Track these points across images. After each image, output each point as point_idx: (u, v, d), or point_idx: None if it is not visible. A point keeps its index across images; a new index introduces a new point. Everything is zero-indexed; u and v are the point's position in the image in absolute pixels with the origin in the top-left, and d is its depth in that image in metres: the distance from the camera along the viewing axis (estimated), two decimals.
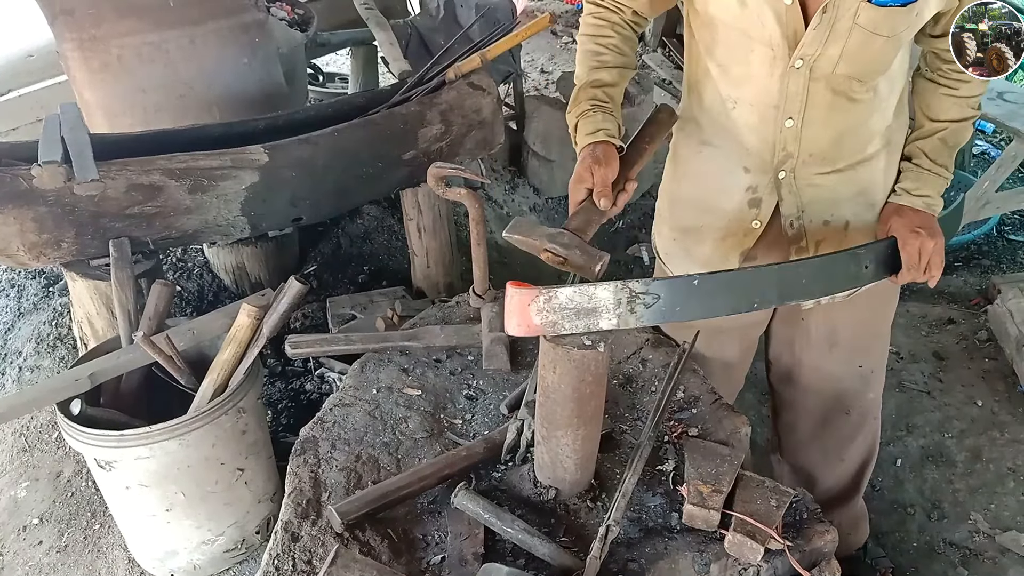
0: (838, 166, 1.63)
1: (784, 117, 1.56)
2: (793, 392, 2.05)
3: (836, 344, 1.89)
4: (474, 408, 1.67)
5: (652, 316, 1.21)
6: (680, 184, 1.83)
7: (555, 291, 1.19)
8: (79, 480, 2.59)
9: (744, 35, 1.51)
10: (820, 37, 1.45)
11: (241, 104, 3.05)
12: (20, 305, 3.14)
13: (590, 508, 1.42)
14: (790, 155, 1.60)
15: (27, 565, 2.40)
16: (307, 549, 1.35)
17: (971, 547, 2.42)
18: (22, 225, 2.18)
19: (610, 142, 1.54)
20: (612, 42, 1.66)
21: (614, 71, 1.65)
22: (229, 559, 2.31)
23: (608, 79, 1.63)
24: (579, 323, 1.19)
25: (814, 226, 1.68)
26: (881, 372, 2.03)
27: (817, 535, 1.33)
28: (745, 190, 1.67)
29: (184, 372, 2.17)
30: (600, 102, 1.60)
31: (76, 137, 2.31)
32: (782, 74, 1.51)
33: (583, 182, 1.49)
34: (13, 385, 2.87)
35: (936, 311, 3.34)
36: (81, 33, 2.75)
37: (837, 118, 1.56)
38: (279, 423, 2.67)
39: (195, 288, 3.13)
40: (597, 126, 1.56)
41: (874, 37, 1.44)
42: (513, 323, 1.20)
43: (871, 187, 1.68)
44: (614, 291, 1.19)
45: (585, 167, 1.50)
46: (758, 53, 1.51)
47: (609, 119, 1.57)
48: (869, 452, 2.12)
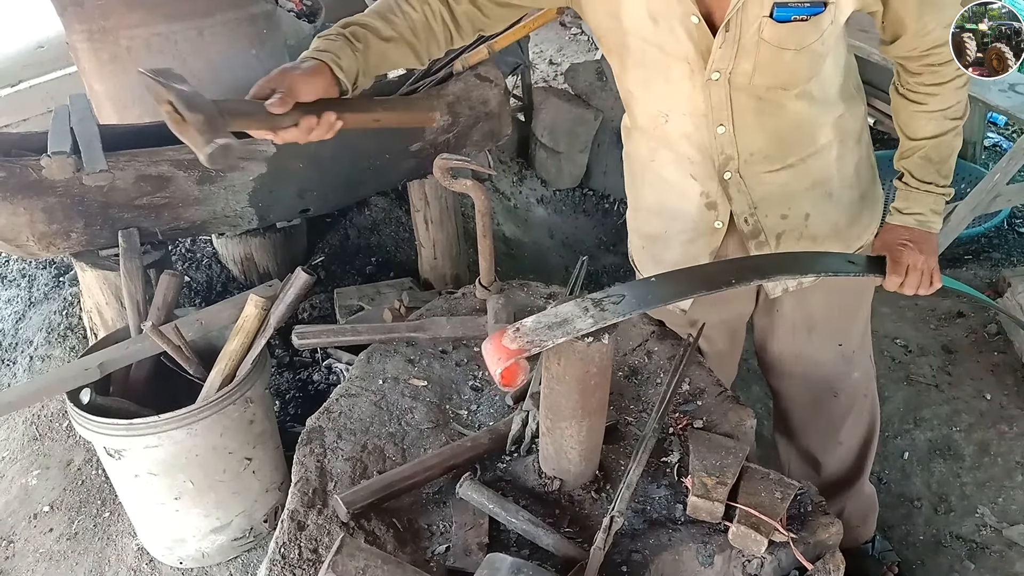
0: (788, 161, 1.60)
1: (715, 124, 1.54)
2: (780, 380, 2.06)
3: (813, 328, 1.89)
4: (479, 399, 1.68)
5: (626, 308, 1.20)
6: (640, 193, 1.81)
7: (518, 323, 1.18)
8: (89, 468, 2.62)
9: (660, 51, 1.48)
10: (728, 53, 1.43)
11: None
12: (31, 295, 3.16)
13: (594, 499, 1.42)
14: (730, 157, 1.58)
15: (38, 552, 2.42)
16: (313, 538, 1.36)
17: (978, 541, 2.41)
18: (32, 215, 2.20)
19: (331, 68, 1.34)
20: (413, 15, 1.48)
21: (390, 31, 1.45)
22: (237, 547, 2.33)
23: (381, 31, 1.44)
24: (558, 333, 1.17)
25: (770, 220, 1.66)
26: (864, 351, 2.02)
27: (822, 527, 1.33)
28: (699, 195, 1.66)
29: (192, 362, 2.18)
30: (354, 39, 1.40)
31: (85, 128, 2.33)
32: (703, 86, 1.49)
33: (270, 83, 1.29)
34: (24, 374, 2.89)
35: (945, 304, 3.33)
36: (90, 24, 2.76)
37: (769, 121, 1.54)
38: (286, 413, 2.69)
39: (204, 278, 3.15)
40: (332, 50, 1.36)
41: (782, 51, 1.42)
42: (495, 362, 1.15)
43: (825, 178, 1.65)
44: (575, 305, 1.19)
45: (281, 69, 1.31)
46: (676, 69, 1.49)
47: (348, 55, 1.37)
48: (868, 433, 2.11)
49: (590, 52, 6.13)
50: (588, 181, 4.51)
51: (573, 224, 4.35)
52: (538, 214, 4.30)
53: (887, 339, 3.14)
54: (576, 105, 4.32)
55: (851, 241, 1.75)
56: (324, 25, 3.92)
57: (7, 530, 2.49)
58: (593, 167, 4.46)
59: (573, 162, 4.39)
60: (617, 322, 1.19)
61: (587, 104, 4.35)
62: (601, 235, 4.29)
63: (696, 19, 1.40)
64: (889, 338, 3.15)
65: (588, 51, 6.19)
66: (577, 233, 4.29)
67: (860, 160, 1.70)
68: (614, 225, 4.26)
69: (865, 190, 1.74)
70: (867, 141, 1.74)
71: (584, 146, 4.34)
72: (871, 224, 1.78)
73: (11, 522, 2.51)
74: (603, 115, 4.27)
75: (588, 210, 4.44)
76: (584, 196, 4.49)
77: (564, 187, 4.48)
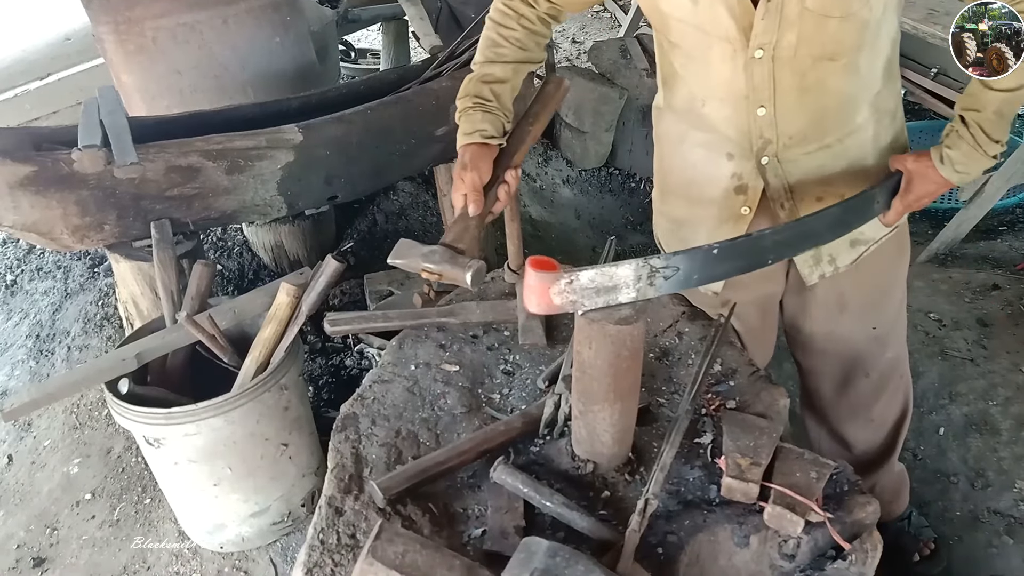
0: (826, 142, 1.58)
1: (755, 106, 1.52)
2: (811, 359, 2.04)
3: (846, 308, 1.87)
4: (511, 383, 1.68)
5: (670, 286, 1.22)
6: (667, 176, 1.80)
7: (576, 274, 1.18)
8: (129, 456, 2.67)
9: (701, 32, 1.46)
10: (772, 25, 1.40)
11: (274, 83, 3.07)
12: (67, 286, 3.22)
13: (628, 482, 1.42)
14: (769, 141, 1.56)
15: (81, 539, 2.48)
16: (350, 523, 1.37)
17: (1016, 515, 2.38)
18: (65, 209, 2.23)
19: (484, 143, 1.54)
20: (515, 35, 1.65)
21: (508, 67, 1.64)
22: (276, 531, 2.37)
23: (500, 74, 1.62)
24: (599, 299, 1.19)
25: (806, 204, 1.64)
26: (899, 331, 2.00)
27: (858, 507, 1.32)
28: (730, 177, 1.64)
29: (227, 350, 2.21)
30: (483, 100, 1.59)
31: (114, 120, 2.35)
32: (745, 65, 1.47)
33: (458, 189, 1.50)
34: (63, 364, 2.94)
35: (980, 277, 3.27)
36: (116, 15, 2.79)
37: (811, 100, 1.51)
38: (320, 399, 2.72)
39: (235, 267, 3.18)
40: (474, 126, 1.56)
41: (827, 19, 1.39)
42: (533, 302, 1.19)
43: (861, 157, 1.63)
44: (635, 268, 1.19)
45: (457, 173, 1.52)
46: (717, 49, 1.47)
47: (488, 118, 1.57)
48: (901, 412, 2.10)
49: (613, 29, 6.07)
50: (614, 160, 4.48)
51: (599, 204, 4.33)
52: (564, 195, 4.28)
53: (920, 313, 3.10)
54: (600, 84, 4.28)
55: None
56: (347, 10, 3.92)
57: (51, 518, 2.55)
58: (618, 146, 4.42)
59: (598, 141, 4.36)
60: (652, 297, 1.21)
61: (611, 83, 4.30)
62: (628, 215, 4.26)
63: None
64: (923, 312, 3.11)
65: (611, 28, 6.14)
66: (604, 213, 4.27)
67: (895, 138, 1.68)
68: (640, 204, 4.24)
69: None
70: (901, 119, 1.71)
71: (609, 125, 4.30)
72: None
73: (54, 510, 2.57)
74: (628, 93, 4.23)
75: (614, 190, 4.42)
76: (610, 175, 4.47)
77: (590, 167, 4.45)
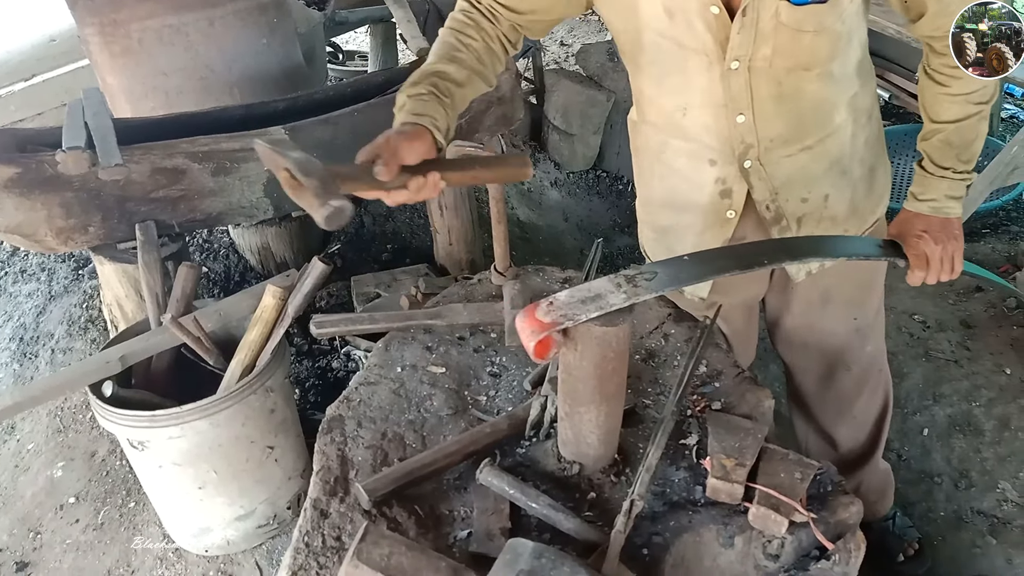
0: (806, 143, 1.59)
1: (735, 114, 1.53)
2: (794, 355, 2.06)
3: (829, 301, 1.89)
4: (498, 385, 1.68)
5: (658, 285, 1.22)
6: (650, 186, 1.81)
7: (551, 297, 1.20)
8: (113, 459, 2.65)
9: (676, 45, 1.47)
10: (747, 39, 1.42)
11: (261, 85, 3.06)
12: (51, 288, 3.19)
13: (614, 483, 1.42)
14: (750, 146, 1.57)
15: (65, 543, 2.46)
16: (336, 525, 1.37)
17: (1000, 516, 2.40)
18: (49, 211, 2.21)
19: (432, 131, 1.38)
20: (474, 45, 1.53)
21: (463, 72, 1.50)
22: (262, 534, 2.36)
23: (455, 76, 1.48)
24: (590, 307, 1.19)
25: (791, 205, 1.65)
26: (878, 325, 2.02)
27: (842, 507, 1.33)
28: (714, 182, 1.65)
29: (212, 353, 2.20)
30: (441, 94, 1.44)
31: (99, 122, 2.34)
32: (722, 76, 1.48)
33: (376, 147, 1.33)
34: (46, 367, 2.92)
35: (963, 279, 3.29)
36: (101, 17, 2.77)
37: (789, 106, 1.53)
38: (307, 401, 2.71)
39: (221, 269, 3.17)
40: (427, 112, 1.39)
41: (801, 34, 1.41)
42: (528, 335, 1.17)
43: (841, 156, 1.64)
44: (608, 281, 1.21)
45: (385, 136, 1.34)
46: (693, 61, 1.48)
47: (441, 114, 1.41)
48: (883, 407, 2.12)
49: (601, 32, 6.09)
50: (601, 163, 4.50)
51: (587, 206, 4.34)
52: (552, 197, 4.29)
53: (905, 315, 3.12)
54: (588, 86, 4.29)
55: (867, 216, 1.75)
56: (335, 12, 3.91)
57: (34, 521, 2.53)
58: (606, 149, 4.44)
59: (586, 144, 4.37)
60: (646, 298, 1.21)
61: (599, 85, 4.32)
62: (616, 217, 4.28)
63: (716, 9, 1.40)
64: (907, 314, 3.13)
65: (599, 31, 6.15)
66: (591, 215, 4.28)
67: (870, 135, 1.70)
68: (628, 206, 4.24)
69: (875, 162, 1.74)
70: (877, 116, 1.73)
71: (597, 128, 4.32)
72: (884, 195, 1.79)
73: (38, 513, 2.55)
74: (615, 96, 4.24)
75: (602, 192, 4.43)
76: (598, 178, 4.48)
77: (577, 169, 4.46)
